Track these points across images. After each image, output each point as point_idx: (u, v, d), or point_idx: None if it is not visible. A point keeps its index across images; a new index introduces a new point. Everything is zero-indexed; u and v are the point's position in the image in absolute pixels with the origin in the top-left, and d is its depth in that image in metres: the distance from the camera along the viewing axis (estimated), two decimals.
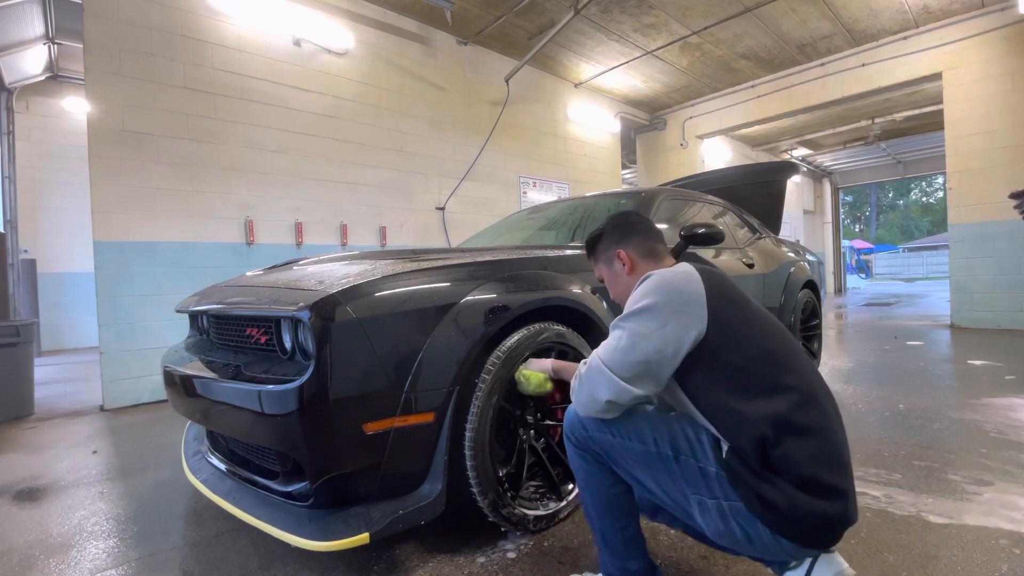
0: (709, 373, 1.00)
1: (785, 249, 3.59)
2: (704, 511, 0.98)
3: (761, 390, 0.97)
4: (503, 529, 1.56)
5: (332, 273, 1.50)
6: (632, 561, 1.12)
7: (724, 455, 0.96)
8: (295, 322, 1.34)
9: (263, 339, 1.49)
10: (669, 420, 1.06)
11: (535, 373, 1.48)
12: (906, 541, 1.44)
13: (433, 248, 2.60)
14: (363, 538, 1.21)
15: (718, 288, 1.06)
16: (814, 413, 0.96)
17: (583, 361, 1.09)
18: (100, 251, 3.46)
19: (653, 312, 1.01)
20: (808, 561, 0.99)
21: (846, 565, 0.98)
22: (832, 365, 4.06)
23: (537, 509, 1.56)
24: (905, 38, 6.18)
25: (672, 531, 1.54)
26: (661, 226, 2.52)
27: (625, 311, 1.07)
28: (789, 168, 3.90)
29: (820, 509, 0.89)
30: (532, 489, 1.62)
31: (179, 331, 3.45)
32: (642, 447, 1.04)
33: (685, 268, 1.10)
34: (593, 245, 1.33)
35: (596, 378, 1.02)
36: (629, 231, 1.26)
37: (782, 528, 0.91)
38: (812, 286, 3.67)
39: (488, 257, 1.71)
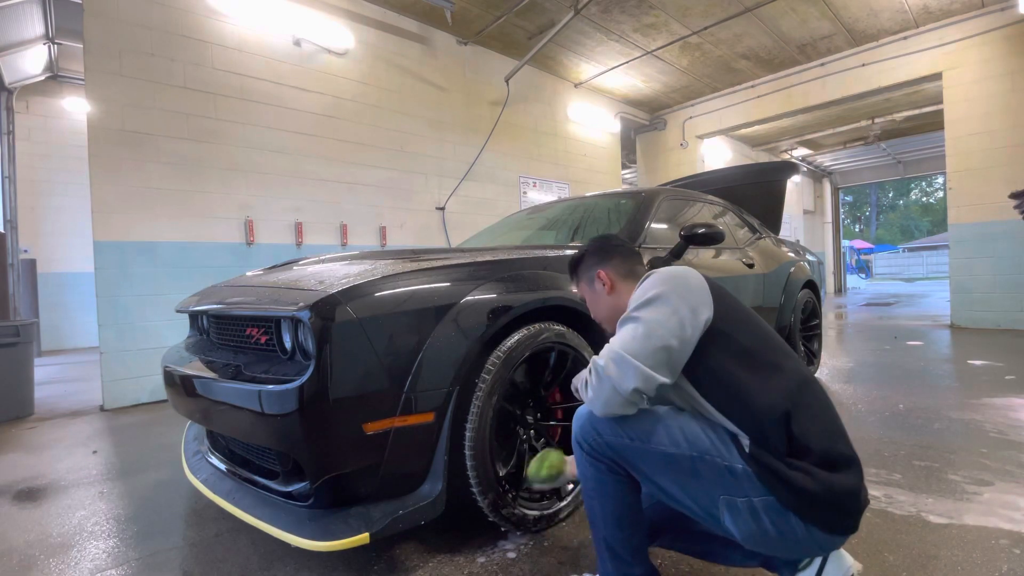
0: (721, 357, 1.01)
1: (785, 249, 3.59)
2: (734, 512, 0.96)
3: (773, 367, 1.02)
4: (503, 529, 1.56)
5: (332, 273, 1.50)
6: (636, 567, 1.09)
7: (748, 450, 0.96)
8: (295, 322, 1.34)
9: (263, 339, 1.49)
10: (686, 419, 1.04)
11: (556, 457, 1.37)
12: (906, 541, 1.44)
13: (433, 248, 2.60)
14: (363, 538, 1.21)
15: (713, 281, 1.12)
16: (815, 391, 1.02)
17: (592, 360, 1.06)
18: (100, 251, 3.46)
19: (663, 299, 1.03)
20: (818, 561, 1.00)
21: (853, 560, 1.01)
22: (832, 365, 4.06)
23: (537, 509, 1.56)
24: (905, 38, 6.18)
25: None
26: (661, 226, 2.52)
27: (632, 306, 1.07)
28: (789, 168, 3.90)
29: (848, 483, 0.93)
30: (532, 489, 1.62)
31: (179, 331, 3.44)
32: (663, 450, 1.01)
33: (682, 266, 1.16)
34: (575, 266, 1.34)
35: (621, 368, 0.98)
36: (610, 252, 1.28)
37: (815, 515, 0.92)
38: (812, 286, 3.67)
39: (488, 257, 1.71)
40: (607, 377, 1.00)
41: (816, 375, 3.64)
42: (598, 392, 1.02)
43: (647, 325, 1.01)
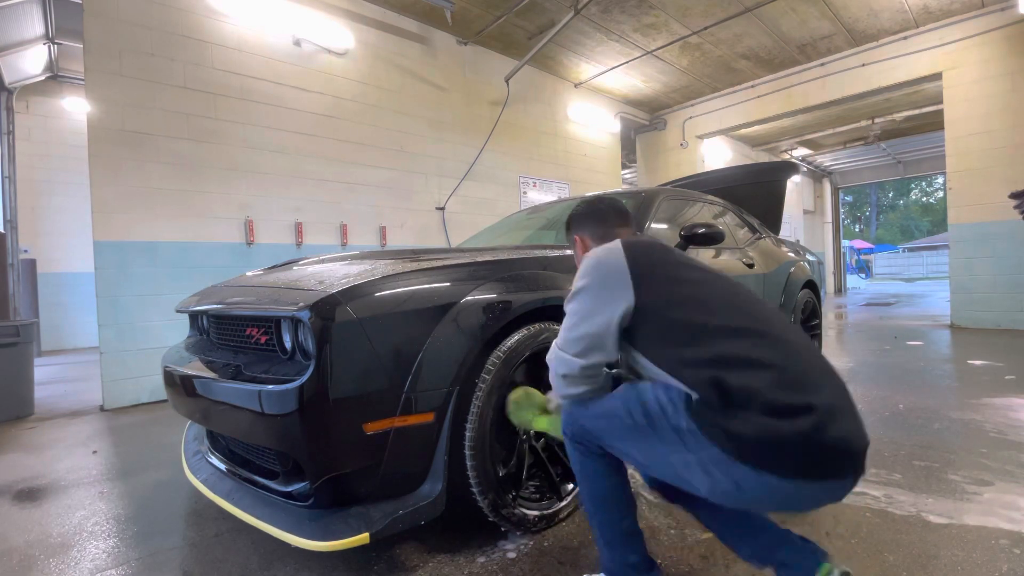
0: (652, 332, 1.07)
1: (785, 249, 3.59)
2: (690, 470, 0.97)
3: (704, 336, 1.00)
4: (503, 529, 1.56)
5: (332, 273, 1.50)
6: (631, 555, 1.13)
7: (693, 406, 0.96)
8: (295, 322, 1.34)
9: (263, 339, 1.49)
10: (638, 388, 1.07)
11: (540, 419, 1.40)
12: (906, 541, 1.44)
13: (433, 248, 2.60)
14: (363, 538, 1.21)
15: (643, 256, 1.12)
16: (770, 347, 0.98)
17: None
18: (100, 251, 3.46)
19: (584, 292, 1.12)
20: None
21: None
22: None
23: (537, 509, 1.56)
24: (905, 38, 6.18)
25: (672, 531, 1.55)
26: (661, 226, 2.52)
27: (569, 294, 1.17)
28: (789, 168, 3.90)
29: (790, 428, 0.87)
30: (532, 489, 1.62)
31: (179, 331, 3.44)
32: (621, 422, 1.06)
33: (611, 245, 1.17)
34: (567, 226, 1.44)
35: (554, 358, 1.15)
36: (586, 217, 1.37)
37: (759, 459, 0.88)
38: (812, 286, 3.68)
39: (488, 257, 1.71)
40: (551, 367, 1.16)
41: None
42: (551, 379, 1.18)
43: (571, 317, 1.13)
